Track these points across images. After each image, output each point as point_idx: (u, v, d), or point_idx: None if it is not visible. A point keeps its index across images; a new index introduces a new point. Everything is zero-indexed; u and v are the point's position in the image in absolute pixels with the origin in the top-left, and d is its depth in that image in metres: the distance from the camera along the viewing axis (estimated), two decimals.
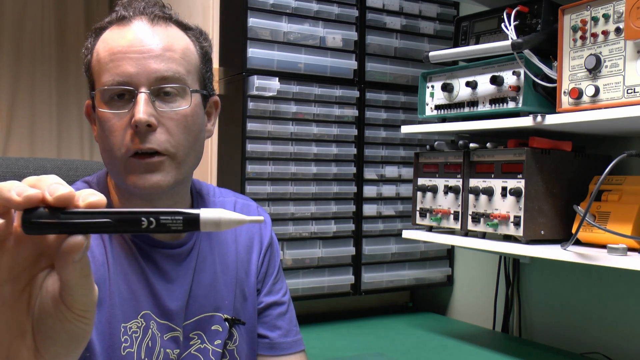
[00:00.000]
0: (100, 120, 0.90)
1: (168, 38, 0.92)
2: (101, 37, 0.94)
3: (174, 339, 0.97)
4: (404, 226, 2.11)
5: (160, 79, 0.89)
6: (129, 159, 0.89)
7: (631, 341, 1.66)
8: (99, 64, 0.91)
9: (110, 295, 0.91)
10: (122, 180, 0.91)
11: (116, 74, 0.88)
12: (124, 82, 0.88)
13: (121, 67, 0.88)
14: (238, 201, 1.12)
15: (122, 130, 0.88)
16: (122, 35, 0.90)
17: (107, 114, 0.89)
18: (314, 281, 1.98)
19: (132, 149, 0.88)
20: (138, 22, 0.92)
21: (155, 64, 0.89)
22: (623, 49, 1.24)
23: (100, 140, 0.93)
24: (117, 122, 0.89)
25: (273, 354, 1.09)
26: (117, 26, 0.93)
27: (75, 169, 1.20)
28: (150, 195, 0.92)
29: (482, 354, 1.69)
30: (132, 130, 0.88)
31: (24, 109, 3.15)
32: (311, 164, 1.98)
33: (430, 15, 2.20)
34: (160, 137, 0.89)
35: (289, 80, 1.93)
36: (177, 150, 0.91)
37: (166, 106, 0.90)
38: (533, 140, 1.45)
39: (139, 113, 0.86)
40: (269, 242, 1.12)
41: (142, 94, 0.87)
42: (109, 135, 0.89)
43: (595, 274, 1.74)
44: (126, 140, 0.88)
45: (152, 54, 0.89)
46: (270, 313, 1.10)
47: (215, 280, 1.02)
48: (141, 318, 0.94)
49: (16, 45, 3.12)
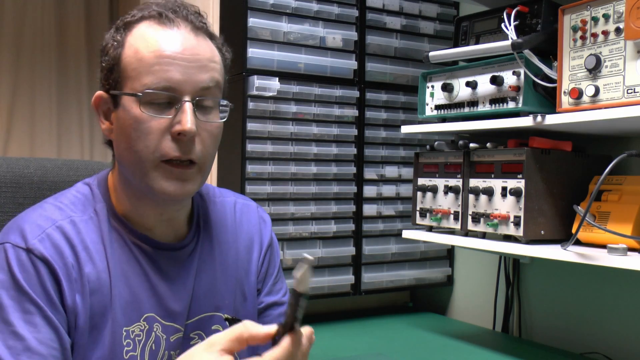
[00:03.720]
0: (136, 121, 0.89)
1: (210, 49, 0.93)
2: (136, 33, 0.91)
3: (178, 341, 0.97)
4: (404, 226, 2.11)
5: (204, 89, 0.90)
6: (160, 163, 0.89)
7: (631, 341, 1.66)
8: (140, 63, 0.89)
9: (112, 300, 0.91)
10: (147, 183, 0.90)
11: (163, 78, 0.87)
12: (170, 88, 0.88)
13: (169, 73, 0.87)
14: (238, 201, 1.12)
15: (159, 135, 0.88)
16: (169, 39, 0.89)
17: (145, 116, 0.88)
18: (314, 281, 1.98)
19: (169, 155, 0.89)
20: (184, 29, 0.91)
21: (200, 74, 0.90)
22: (623, 49, 1.24)
23: (125, 139, 0.90)
24: (155, 124, 0.88)
25: None
26: (157, 24, 0.91)
27: (76, 169, 1.20)
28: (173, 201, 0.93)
29: (482, 354, 1.69)
30: (172, 137, 0.88)
31: (24, 109, 3.15)
32: (311, 164, 1.98)
33: (430, 15, 2.20)
34: (197, 148, 0.90)
35: (289, 80, 1.93)
36: (206, 160, 0.93)
37: (204, 117, 0.91)
38: (533, 140, 1.45)
39: (188, 123, 0.87)
40: (269, 243, 1.12)
41: (188, 104, 0.88)
42: (142, 137, 0.88)
43: (595, 274, 1.74)
44: (163, 145, 0.88)
45: (198, 63, 0.90)
46: (271, 313, 1.10)
47: (215, 280, 1.02)
48: (144, 321, 0.94)
49: (16, 45, 3.12)
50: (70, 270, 0.88)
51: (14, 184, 1.12)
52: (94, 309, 0.90)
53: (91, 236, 0.92)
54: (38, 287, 0.86)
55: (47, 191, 1.14)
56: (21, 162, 1.15)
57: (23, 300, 0.85)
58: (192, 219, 1.03)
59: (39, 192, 1.13)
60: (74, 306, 0.88)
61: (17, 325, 0.83)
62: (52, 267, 0.87)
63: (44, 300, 0.86)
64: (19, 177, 1.13)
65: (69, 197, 0.96)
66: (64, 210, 0.93)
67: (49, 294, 0.86)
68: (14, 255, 0.86)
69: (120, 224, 0.95)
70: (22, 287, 0.85)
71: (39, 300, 0.85)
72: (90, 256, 0.91)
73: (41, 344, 0.84)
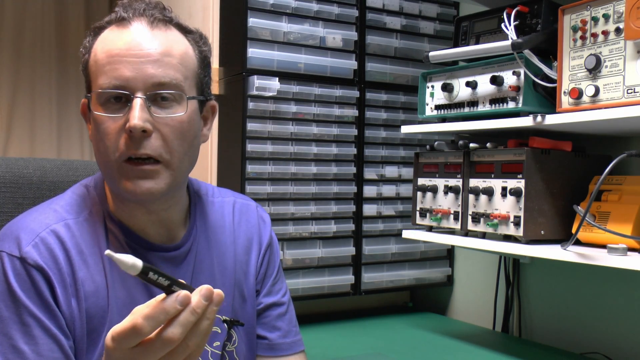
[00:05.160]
0: (95, 122, 0.90)
1: (167, 42, 0.91)
2: (99, 37, 0.93)
3: None
4: (404, 226, 2.11)
5: (157, 84, 0.88)
6: (122, 163, 0.88)
7: (631, 341, 1.66)
8: (96, 65, 0.90)
9: (109, 303, 0.91)
10: (115, 185, 0.91)
11: (113, 77, 0.87)
12: (120, 86, 0.87)
13: (118, 71, 0.87)
14: (237, 201, 1.12)
15: (116, 134, 0.88)
16: (121, 37, 0.89)
17: (102, 117, 0.88)
18: (314, 281, 1.98)
19: (125, 154, 0.87)
20: (137, 24, 0.90)
21: (152, 69, 0.88)
22: (623, 49, 1.24)
23: (94, 141, 0.92)
24: (112, 125, 0.88)
25: (273, 354, 1.08)
26: (116, 27, 0.91)
27: (75, 169, 1.20)
28: (143, 200, 0.92)
29: (482, 354, 1.69)
30: (127, 135, 0.87)
31: (24, 109, 3.15)
32: (311, 164, 1.98)
33: (430, 15, 2.20)
34: (154, 143, 0.88)
35: (289, 80, 1.93)
36: (172, 156, 0.90)
37: (162, 112, 0.89)
38: (533, 140, 1.45)
39: (134, 119, 0.85)
40: (268, 243, 1.11)
41: (138, 99, 0.86)
42: (103, 138, 0.89)
43: (595, 274, 1.74)
44: (120, 144, 0.87)
45: (149, 58, 0.88)
46: (270, 314, 1.10)
47: (213, 282, 1.01)
48: None
49: (16, 45, 3.12)
50: (65, 276, 0.88)
51: (13, 184, 1.12)
52: (90, 312, 0.90)
53: (86, 239, 0.92)
54: (35, 297, 0.86)
55: (46, 191, 1.14)
56: (20, 162, 1.15)
57: (21, 312, 0.85)
58: (188, 219, 1.02)
59: (39, 193, 1.13)
60: (70, 311, 0.88)
61: (15, 338, 0.84)
62: (47, 274, 0.87)
63: (41, 309, 0.86)
64: (19, 178, 1.13)
65: (65, 199, 0.96)
66: (59, 213, 0.93)
67: (47, 302, 0.86)
68: (10, 265, 0.86)
69: (116, 226, 0.95)
70: (19, 299, 0.85)
71: (37, 312, 0.85)
72: (84, 260, 0.91)
73: (41, 357, 0.84)
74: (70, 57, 3.24)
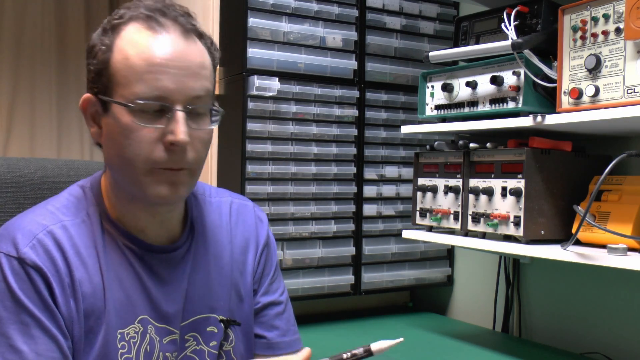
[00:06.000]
0: (126, 129, 0.87)
1: (200, 54, 0.91)
2: (125, 36, 0.89)
3: (173, 342, 0.97)
4: (404, 226, 2.11)
5: (195, 97, 0.89)
6: (153, 169, 0.88)
7: (631, 341, 1.66)
8: (131, 70, 0.87)
9: (106, 303, 0.91)
10: (141, 188, 0.90)
11: (154, 87, 0.86)
12: (161, 97, 0.86)
13: (160, 81, 0.86)
14: (234, 201, 1.11)
15: (150, 144, 0.87)
16: (158, 45, 0.87)
17: (135, 125, 0.87)
18: (314, 281, 1.98)
19: (161, 165, 0.88)
20: (173, 33, 0.88)
21: (192, 82, 0.88)
22: (623, 49, 1.24)
23: (116, 146, 0.89)
24: (147, 134, 0.87)
25: (271, 353, 1.08)
26: (146, 28, 0.88)
27: (76, 169, 1.20)
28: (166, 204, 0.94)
29: (482, 354, 1.69)
30: (165, 146, 0.87)
31: (24, 109, 3.15)
32: (311, 164, 1.98)
33: (430, 15, 2.20)
34: (190, 155, 0.89)
35: (289, 80, 1.93)
36: (198, 166, 0.93)
37: (195, 125, 0.90)
38: (533, 140, 1.45)
39: (181, 134, 0.86)
40: (265, 242, 1.11)
41: (181, 113, 0.87)
42: (133, 145, 0.87)
43: (595, 274, 1.74)
44: (155, 153, 0.87)
45: (189, 71, 0.88)
46: (268, 313, 1.09)
47: (209, 282, 1.02)
48: (138, 323, 0.93)
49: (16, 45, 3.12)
50: (63, 276, 0.88)
51: (15, 184, 1.12)
52: (87, 313, 0.90)
53: (83, 240, 0.92)
54: (34, 296, 0.86)
55: (47, 191, 1.14)
56: (22, 162, 1.15)
57: (19, 311, 0.85)
58: (185, 220, 1.02)
59: (40, 193, 1.13)
60: (69, 312, 0.88)
61: (14, 338, 0.84)
62: (45, 274, 0.87)
63: (40, 309, 0.86)
64: (20, 178, 1.13)
65: (61, 200, 0.95)
66: (56, 214, 0.92)
67: (46, 302, 0.86)
68: (8, 265, 0.86)
69: (113, 227, 0.95)
70: (18, 298, 0.85)
71: (36, 311, 0.86)
72: (82, 261, 0.91)
73: (39, 357, 0.84)
74: (70, 57, 3.23)
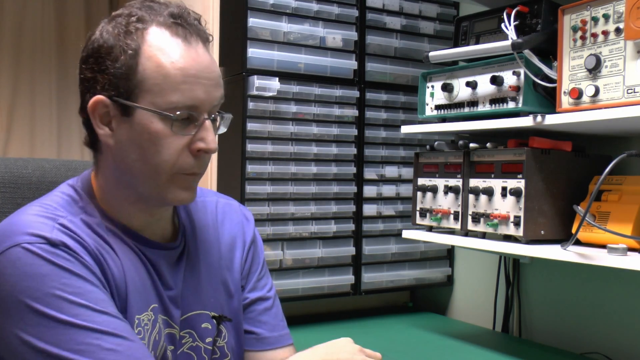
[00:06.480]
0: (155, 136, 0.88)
1: (216, 64, 0.95)
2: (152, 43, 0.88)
3: (172, 336, 0.98)
4: (404, 226, 2.11)
5: (217, 106, 0.93)
6: (177, 174, 0.91)
7: (631, 341, 1.66)
8: (166, 79, 0.87)
9: (127, 286, 0.91)
10: (160, 193, 0.92)
11: (189, 97, 0.88)
12: (194, 107, 0.89)
13: (194, 92, 0.88)
14: (220, 201, 1.13)
15: (179, 150, 0.90)
16: (191, 56, 0.89)
17: (165, 132, 0.88)
18: (314, 281, 1.98)
19: (188, 171, 0.91)
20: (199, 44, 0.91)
21: (216, 91, 0.92)
22: (623, 49, 1.24)
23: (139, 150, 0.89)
24: (176, 141, 0.89)
25: (261, 348, 1.10)
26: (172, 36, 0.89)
27: (74, 169, 1.20)
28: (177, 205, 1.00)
29: (482, 354, 1.68)
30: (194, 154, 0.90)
31: (24, 109, 3.15)
32: (311, 164, 1.98)
33: (430, 15, 2.20)
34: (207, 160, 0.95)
35: (289, 80, 1.93)
36: None
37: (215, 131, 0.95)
38: (533, 140, 1.45)
39: (212, 142, 0.91)
40: (252, 240, 1.13)
41: (208, 122, 0.91)
42: (161, 151, 0.89)
43: (595, 274, 1.74)
44: (182, 160, 0.90)
45: (215, 81, 0.92)
46: (255, 309, 1.11)
47: (200, 279, 1.03)
48: (151, 311, 0.94)
49: (16, 45, 3.12)
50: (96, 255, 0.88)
51: (13, 185, 1.12)
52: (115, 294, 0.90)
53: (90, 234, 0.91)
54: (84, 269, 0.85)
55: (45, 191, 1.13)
56: (19, 162, 1.15)
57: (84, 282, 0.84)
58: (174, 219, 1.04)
59: (38, 193, 1.13)
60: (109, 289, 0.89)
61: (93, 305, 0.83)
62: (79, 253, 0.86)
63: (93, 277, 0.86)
64: (18, 178, 1.12)
65: (55, 199, 0.93)
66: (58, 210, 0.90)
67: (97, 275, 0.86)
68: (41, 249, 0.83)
69: (113, 225, 0.94)
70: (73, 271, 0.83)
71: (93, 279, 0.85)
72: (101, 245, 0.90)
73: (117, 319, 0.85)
74: (70, 57, 3.23)
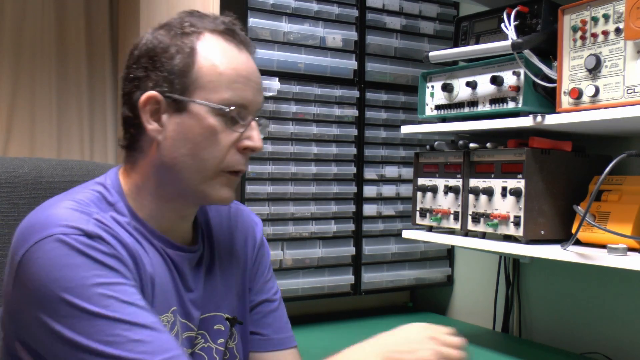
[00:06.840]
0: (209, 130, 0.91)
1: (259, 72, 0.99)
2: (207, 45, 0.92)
3: (190, 339, 0.98)
4: (404, 226, 2.11)
5: (260, 110, 0.98)
6: (222, 172, 0.93)
7: (631, 341, 1.66)
8: (220, 77, 0.91)
9: (154, 285, 0.91)
10: (204, 189, 0.93)
11: (240, 96, 0.92)
12: (244, 106, 0.93)
13: (245, 92, 0.93)
14: (232, 205, 1.13)
15: (227, 147, 0.92)
16: (243, 60, 0.95)
17: (218, 127, 0.91)
18: (314, 281, 1.98)
19: (235, 168, 0.94)
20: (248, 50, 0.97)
21: (260, 96, 0.97)
22: (623, 49, 1.24)
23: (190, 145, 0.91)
24: (226, 137, 0.92)
25: (265, 350, 1.10)
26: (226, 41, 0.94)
27: (71, 169, 1.19)
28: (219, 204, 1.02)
29: (482, 354, 1.68)
30: (238, 151, 0.93)
31: (24, 109, 3.14)
32: (311, 164, 1.98)
33: (430, 15, 2.20)
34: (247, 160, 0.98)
35: (289, 80, 1.93)
36: None
37: None
38: (533, 140, 1.45)
39: (259, 141, 0.95)
40: (260, 243, 1.14)
41: (255, 122, 0.95)
42: (212, 146, 0.91)
43: (595, 274, 1.74)
44: (229, 157, 0.93)
45: (260, 86, 0.97)
46: (261, 310, 1.12)
47: (216, 282, 1.04)
48: (171, 313, 0.95)
49: (16, 45, 3.12)
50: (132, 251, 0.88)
51: (9, 184, 1.11)
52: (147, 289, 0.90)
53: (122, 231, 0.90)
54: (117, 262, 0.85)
55: (42, 191, 1.13)
56: (16, 162, 1.14)
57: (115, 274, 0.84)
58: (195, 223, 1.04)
59: (34, 192, 1.13)
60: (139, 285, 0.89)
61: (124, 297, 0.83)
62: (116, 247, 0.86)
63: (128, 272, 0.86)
64: (14, 178, 1.12)
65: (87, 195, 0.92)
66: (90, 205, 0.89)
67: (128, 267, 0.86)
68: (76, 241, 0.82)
69: (140, 224, 0.94)
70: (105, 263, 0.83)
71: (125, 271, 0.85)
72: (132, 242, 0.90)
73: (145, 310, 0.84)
74: (70, 57, 3.23)
